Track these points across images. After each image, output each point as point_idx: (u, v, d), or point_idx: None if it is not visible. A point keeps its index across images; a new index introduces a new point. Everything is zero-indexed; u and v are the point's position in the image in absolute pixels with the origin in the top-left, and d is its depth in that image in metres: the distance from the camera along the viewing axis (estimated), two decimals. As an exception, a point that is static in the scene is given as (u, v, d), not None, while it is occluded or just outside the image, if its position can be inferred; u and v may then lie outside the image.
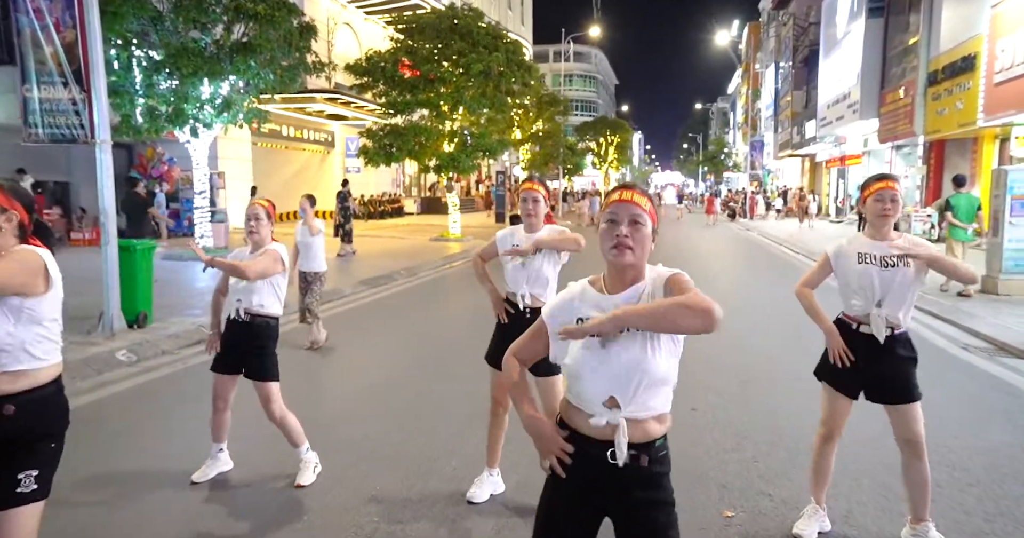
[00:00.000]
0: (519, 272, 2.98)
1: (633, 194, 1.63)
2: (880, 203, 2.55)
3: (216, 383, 3.32)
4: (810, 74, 29.59)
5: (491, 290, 3.13)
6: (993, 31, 13.60)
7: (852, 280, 2.62)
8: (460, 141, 16.93)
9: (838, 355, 2.62)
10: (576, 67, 74.46)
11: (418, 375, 5.27)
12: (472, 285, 10.65)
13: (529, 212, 3.00)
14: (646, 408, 1.56)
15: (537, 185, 3.03)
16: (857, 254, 2.62)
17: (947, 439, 3.80)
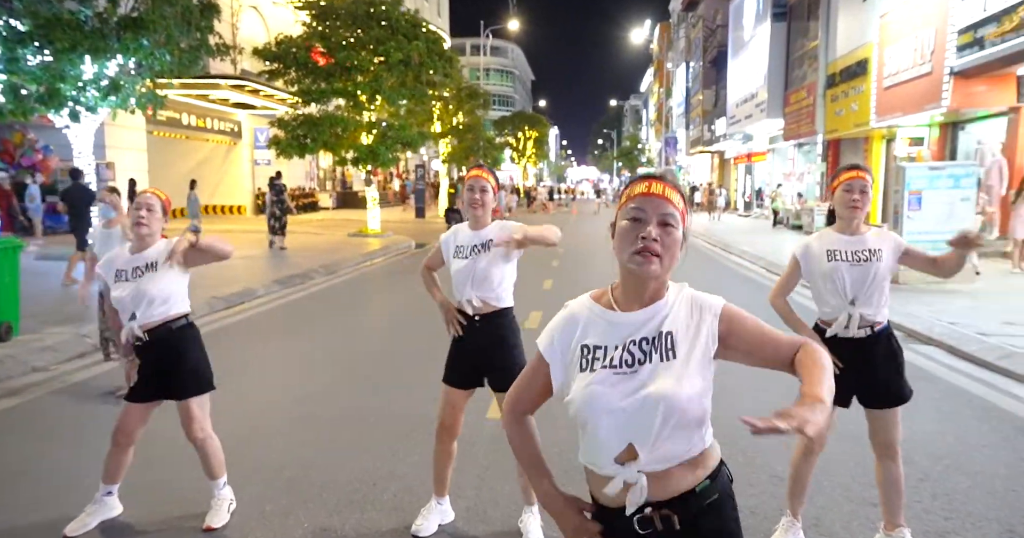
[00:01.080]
0: (463, 273, 2.66)
1: (665, 187, 1.27)
2: (849, 194, 2.41)
3: (127, 415, 2.74)
4: (719, 74, 30.88)
5: (442, 301, 2.79)
6: (882, 39, 14.58)
7: (822, 280, 2.47)
8: (379, 133, 16.24)
9: None
10: (493, 62, 74.32)
11: (342, 389, 4.74)
12: (398, 284, 10.18)
13: (475, 203, 2.65)
14: (671, 457, 1.21)
15: (485, 173, 2.68)
16: (826, 252, 2.47)
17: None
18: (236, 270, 10.67)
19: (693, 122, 37.73)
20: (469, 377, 2.71)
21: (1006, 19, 10.74)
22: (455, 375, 2.73)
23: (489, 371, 2.69)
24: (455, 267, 2.70)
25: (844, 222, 2.49)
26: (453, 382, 2.74)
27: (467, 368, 2.71)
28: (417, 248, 15.72)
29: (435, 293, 2.85)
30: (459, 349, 2.75)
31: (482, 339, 2.67)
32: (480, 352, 2.67)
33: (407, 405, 4.30)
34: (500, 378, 2.65)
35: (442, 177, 29.23)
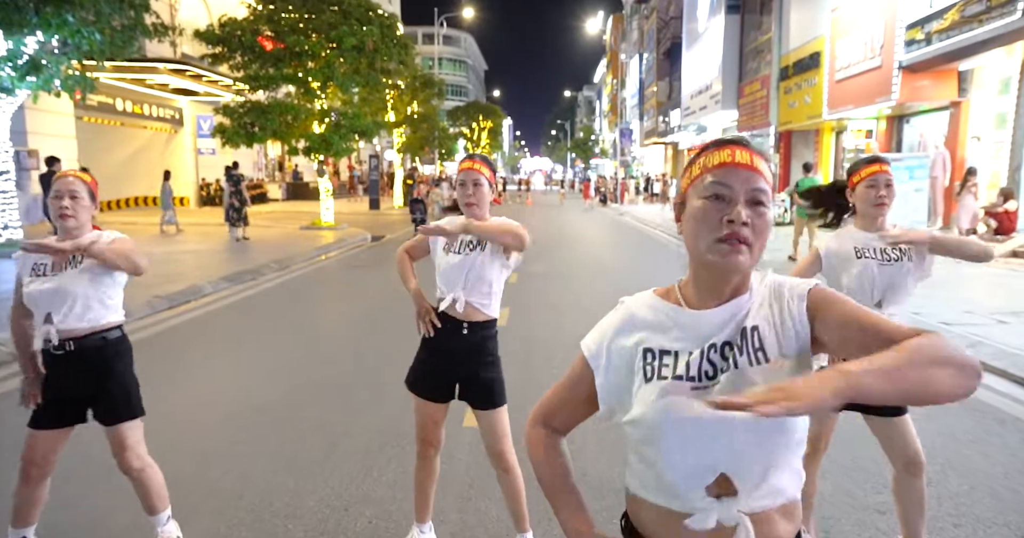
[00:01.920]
0: (455, 271, 2.36)
1: (752, 156, 1.01)
2: (874, 190, 2.25)
3: (35, 444, 2.31)
4: (673, 66, 31.15)
5: (416, 293, 2.45)
6: (833, 33, 14.86)
7: (848, 279, 2.30)
8: (332, 122, 15.60)
9: None
10: (446, 51, 73.31)
11: (304, 399, 4.32)
12: (357, 279, 9.74)
13: (469, 199, 2.36)
14: (774, 492, 0.97)
15: (478, 164, 2.37)
16: (854, 249, 2.31)
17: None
18: (181, 266, 10.02)
19: (647, 113, 38.05)
20: (444, 390, 2.44)
21: (950, 15, 11.04)
22: (428, 386, 2.43)
23: (471, 386, 2.41)
24: (445, 262, 2.40)
25: (868, 220, 2.32)
26: (426, 394, 2.44)
27: (443, 379, 2.42)
28: (373, 241, 15.23)
29: (410, 281, 2.52)
30: (434, 356, 2.43)
31: (466, 350, 2.38)
32: (461, 364, 2.39)
33: (378, 415, 3.98)
34: (483, 395, 2.40)
35: (397, 168, 28.56)
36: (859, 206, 2.31)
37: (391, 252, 13.63)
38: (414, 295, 2.46)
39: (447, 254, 2.41)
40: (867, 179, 2.26)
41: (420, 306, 2.42)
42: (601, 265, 11.56)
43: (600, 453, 3.42)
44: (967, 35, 10.67)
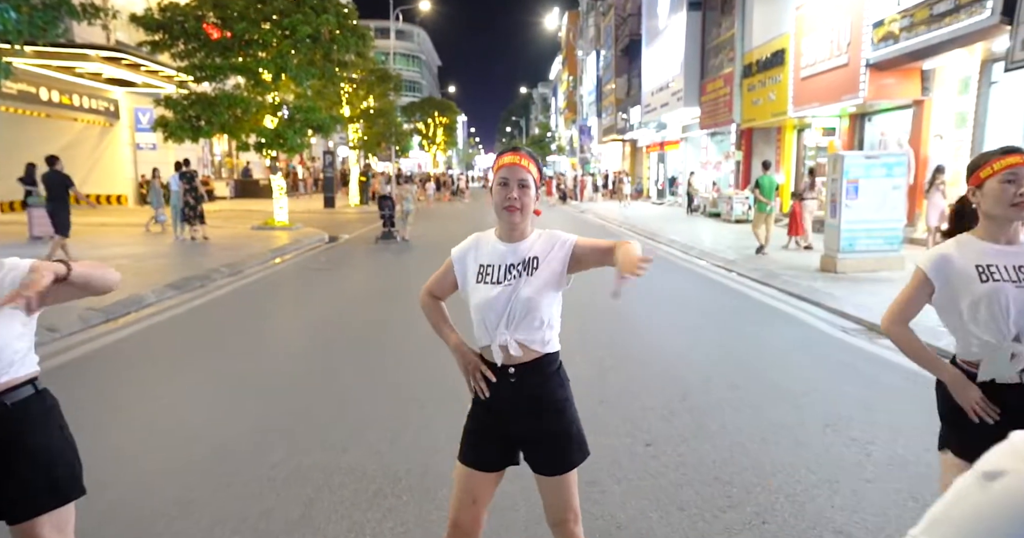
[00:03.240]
0: (494, 306, 1.81)
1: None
2: (1012, 186, 1.78)
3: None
4: (631, 63, 31.12)
5: (458, 345, 1.95)
6: (798, 30, 14.88)
7: (971, 307, 1.84)
8: (286, 115, 14.69)
9: (977, 410, 1.84)
10: (399, 46, 71.85)
11: (271, 436, 3.59)
12: (318, 284, 9.02)
13: (511, 203, 1.81)
14: None
15: (525, 159, 1.84)
16: (977, 268, 1.83)
17: (916, 450, 3.44)
18: (119, 272, 9.10)
19: (606, 110, 38.01)
20: (500, 454, 1.90)
21: (917, 13, 11.09)
22: (479, 452, 1.90)
23: (529, 443, 1.88)
24: (479, 296, 1.85)
25: (997, 225, 1.86)
26: (475, 463, 1.89)
27: (497, 441, 1.89)
28: (330, 242, 14.43)
29: (447, 334, 2.00)
30: (484, 415, 1.91)
31: (520, 399, 1.86)
32: (516, 418, 1.87)
33: (364, 455, 3.39)
34: (546, 453, 1.86)
35: (352, 164, 27.54)
36: (988, 207, 1.85)
37: (351, 253, 12.91)
38: (455, 350, 1.95)
39: (482, 285, 1.87)
40: (1002, 173, 1.81)
41: (467, 363, 1.92)
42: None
43: (629, 498, 2.95)
44: (933, 34, 10.71)
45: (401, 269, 10.77)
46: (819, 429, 3.74)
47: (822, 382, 4.60)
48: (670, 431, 3.70)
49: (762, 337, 5.97)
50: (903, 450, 3.48)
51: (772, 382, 4.58)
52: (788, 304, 7.46)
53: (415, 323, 6.48)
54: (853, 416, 3.94)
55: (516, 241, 1.89)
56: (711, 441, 3.57)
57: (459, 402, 4.07)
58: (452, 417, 3.80)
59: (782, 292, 8.12)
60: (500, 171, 1.85)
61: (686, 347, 5.62)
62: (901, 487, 3.06)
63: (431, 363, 4.97)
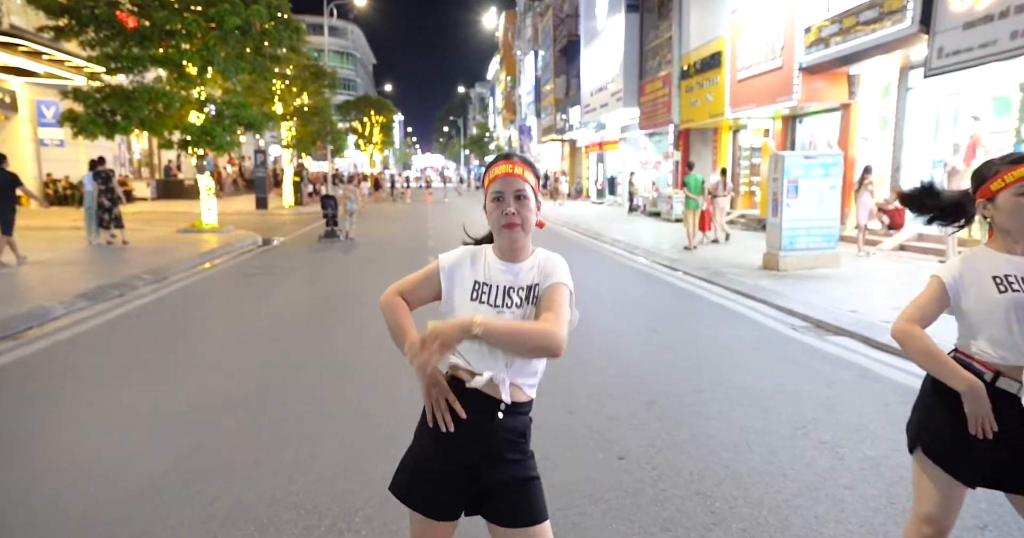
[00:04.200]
0: None
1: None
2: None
3: None
4: (570, 63, 31.34)
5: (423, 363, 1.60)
6: (734, 33, 15.28)
7: (989, 318, 1.75)
8: (214, 111, 13.81)
9: (981, 425, 1.74)
10: (333, 43, 69.95)
11: (200, 470, 3.18)
12: (253, 291, 8.43)
13: (511, 220, 1.56)
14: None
15: (521, 167, 1.59)
16: (993, 279, 1.75)
17: (884, 451, 3.42)
18: (22, 280, 8.24)
19: (545, 110, 38.17)
20: (459, 503, 1.61)
21: (845, 20, 11.54)
22: (433, 498, 1.59)
23: (502, 496, 1.58)
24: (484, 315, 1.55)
25: (1013, 238, 1.77)
26: (430, 510, 1.59)
27: (459, 487, 1.59)
28: (264, 245, 13.69)
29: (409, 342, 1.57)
30: (447, 453, 1.59)
31: (497, 443, 1.58)
32: (490, 466, 1.58)
33: (315, 486, 3.04)
34: (521, 506, 1.57)
35: (286, 164, 26.42)
36: (1002, 221, 1.76)
37: (289, 256, 12.27)
38: (418, 368, 1.56)
39: (479, 304, 1.59)
40: (1015, 186, 1.71)
41: (431, 383, 1.57)
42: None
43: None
44: (859, 40, 11.18)
45: (345, 272, 10.28)
46: (789, 433, 3.67)
47: (784, 383, 4.57)
48: (641, 442, 3.54)
49: (718, 338, 5.95)
50: (872, 451, 3.45)
51: (736, 385, 4.51)
52: (737, 303, 7.52)
53: (366, 332, 6.11)
54: (819, 418, 3.91)
55: (517, 261, 1.63)
56: (685, 451, 3.43)
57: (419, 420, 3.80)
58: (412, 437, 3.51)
59: (729, 291, 8.20)
60: (492, 184, 1.59)
61: (644, 351, 5.51)
62: (878, 493, 3.00)
63: (385, 376, 4.63)
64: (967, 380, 1.74)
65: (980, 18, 8.95)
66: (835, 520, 2.75)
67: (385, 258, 12.05)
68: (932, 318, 1.82)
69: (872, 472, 3.21)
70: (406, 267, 9.80)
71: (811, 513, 2.81)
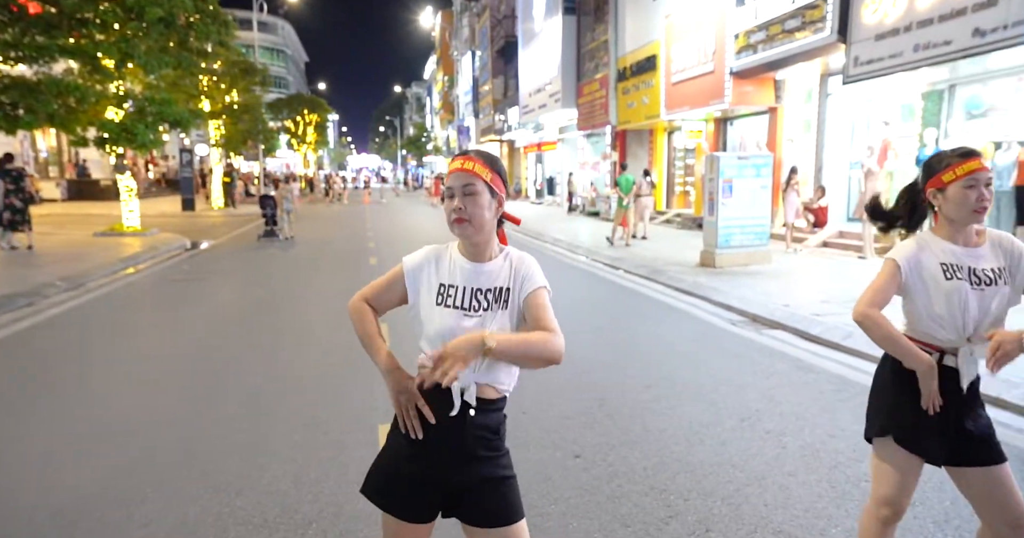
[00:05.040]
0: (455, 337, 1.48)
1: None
2: (973, 191, 1.79)
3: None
4: (508, 64, 31.45)
5: (392, 369, 1.59)
6: (668, 38, 15.73)
7: (936, 304, 1.84)
8: (136, 107, 12.99)
9: (932, 400, 1.84)
10: (263, 38, 67.39)
11: (142, 491, 2.96)
12: (182, 297, 7.98)
13: (458, 214, 1.53)
14: None
15: (473, 162, 1.55)
16: (941, 265, 1.84)
17: (822, 437, 3.58)
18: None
19: (483, 111, 38.15)
20: (436, 503, 1.59)
21: (771, 28, 12.10)
22: (407, 501, 1.57)
23: (477, 496, 1.57)
24: (442, 323, 1.54)
25: (956, 228, 1.87)
26: (405, 513, 1.57)
27: (432, 488, 1.57)
28: (193, 248, 13.04)
29: (379, 353, 1.61)
30: (420, 455, 1.57)
31: (470, 443, 1.56)
32: (463, 465, 1.56)
33: (263, 499, 2.88)
34: (496, 506, 1.56)
35: (214, 164, 25.24)
36: (950, 211, 1.85)
37: (222, 259, 11.72)
38: (387, 372, 1.58)
39: (444, 308, 1.55)
40: (965, 178, 1.81)
41: (400, 389, 1.55)
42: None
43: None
44: (784, 47, 11.74)
45: (285, 274, 9.90)
46: (736, 425, 3.79)
47: (727, 376, 4.72)
48: (595, 440, 3.57)
49: (662, 334, 6.09)
50: (811, 438, 3.61)
51: (682, 380, 4.63)
52: (678, 299, 7.73)
53: (311, 336, 5.89)
54: (761, 409, 4.05)
55: (482, 260, 1.60)
56: (638, 447, 3.48)
57: (371, 428, 3.69)
58: (365, 446, 3.40)
59: (670, 288, 8.42)
60: (448, 179, 1.57)
61: (591, 349, 5.57)
62: (819, 478, 3.14)
63: (333, 382, 4.48)
64: (926, 361, 1.84)
65: (889, 31, 9.58)
66: (782, 507, 2.85)
67: (326, 259, 11.72)
68: (888, 299, 1.91)
69: (813, 458, 3.35)
70: (348, 268, 9.57)
71: (760, 501, 2.90)
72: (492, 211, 1.57)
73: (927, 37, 8.97)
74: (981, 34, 8.25)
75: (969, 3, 8.36)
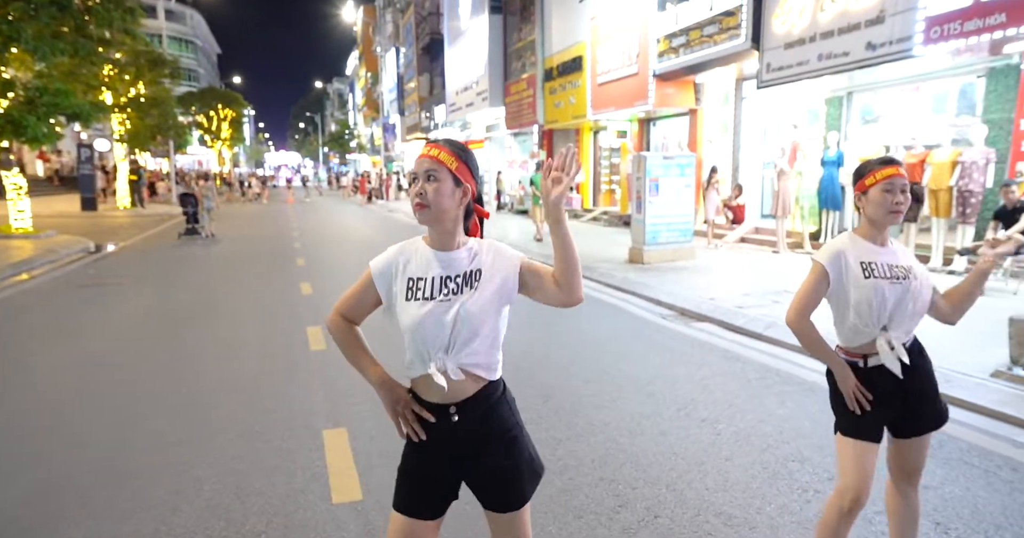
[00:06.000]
0: (432, 327, 1.53)
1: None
2: (890, 195, 1.99)
3: None
4: (434, 61, 31.15)
5: (382, 380, 1.65)
6: (593, 39, 16.10)
7: (856, 299, 2.02)
8: (24, 96, 11.90)
9: (855, 397, 2.03)
10: (170, 28, 63.52)
11: (66, 510, 2.76)
12: (89, 305, 7.41)
13: (419, 200, 1.55)
14: None
15: (435, 148, 1.58)
16: (861, 264, 2.02)
17: (752, 422, 3.80)
18: None
19: (408, 108, 37.63)
20: (442, 497, 1.66)
21: (691, 33, 12.64)
22: (418, 498, 1.63)
23: (478, 482, 1.64)
24: (410, 316, 1.55)
25: (877, 229, 2.06)
26: (415, 510, 1.62)
27: (438, 484, 1.64)
28: (95, 251, 12.14)
29: (368, 367, 1.68)
30: (420, 458, 1.65)
31: (464, 440, 1.62)
32: (461, 459, 1.63)
33: (205, 514, 2.71)
34: (498, 490, 1.63)
35: (118, 161, 23.52)
36: (870, 212, 2.05)
37: (133, 262, 10.98)
38: (378, 385, 1.65)
39: (413, 302, 1.57)
40: (883, 182, 2.01)
41: (393, 397, 1.64)
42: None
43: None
44: (703, 52, 12.29)
45: (206, 277, 9.39)
46: (674, 414, 3.95)
47: (661, 368, 4.91)
48: (543, 435, 3.62)
49: (597, 330, 6.24)
50: (742, 424, 3.81)
51: (621, 373, 4.77)
52: (610, 295, 7.94)
53: (240, 341, 5.62)
54: (696, 398, 4.25)
55: (449, 249, 1.61)
56: (584, 440, 3.56)
57: (315, 433, 3.57)
58: (311, 451, 3.30)
59: (601, 284, 8.64)
60: (413, 167, 1.58)
61: (530, 346, 5.63)
62: (752, 460, 3.32)
63: (270, 387, 4.30)
64: (839, 365, 2.06)
65: (796, 40, 10.24)
66: (722, 489, 3.01)
67: (252, 259, 11.21)
68: (817, 302, 2.08)
69: (745, 443, 3.54)
70: (275, 270, 9.17)
71: (702, 485, 3.04)
72: (455, 200, 1.58)
73: (829, 48, 9.65)
74: (873, 48, 8.97)
75: (862, 19, 9.08)
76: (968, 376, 4.37)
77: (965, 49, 8.00)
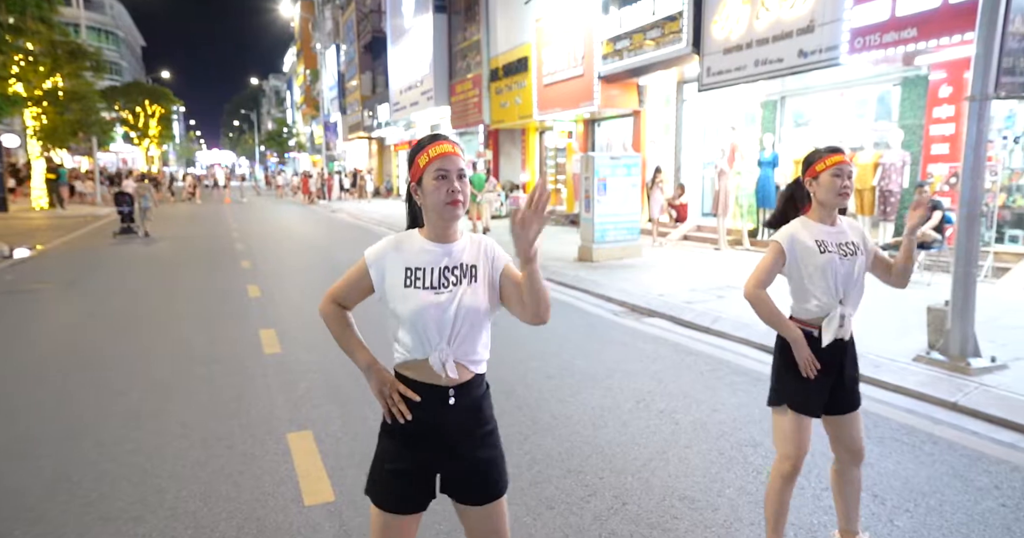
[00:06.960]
0: (434, 317, 1.57)
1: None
2: (839, 179, 2.19)
3: None
4: (376, 59, 30.67)
5: (371, 365, 1.68)
6: (539, 41, 16.26)
7: (814, 274, 2.21)
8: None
9: (809, 366, 2.20)
10: (89, 18, 59.87)
11: (11, 532, 2.73)
12: (10, 314, 6.93)
13: (454, 197, 1.57)
14: None
15: (458, 147, 1.63)
16: (816, 242, 2.22)
17: (707, 412, 3.97)
18: None
19: (350, 107, 36.90)
20: (424, 490, 1.66)
21: (635, 36, 12.98)
22: (403, 494, 1.63)
23: (464, 476, 1.66)
24: (414, 303, 1.58)
25: (826, 211, 2.26)
26: (400, 506, 1.63)
27: (420, 476, 1.65)
28: (9, 256, 11.37)
29: (357, 351, 1.71)
30: (404, 447, 1.64)
31: (456, 427, 1.65)
32: (451, 448, 1.65)
33: (170, 521, 2.62)
34: (479, 480, 1.66)
35: (33, 159, 22.03)
36: (821, 196, 2.24)
37: (57, 267, 10.34)
38: (366, 369, 1.67)
39: (415, 290, 1.59)
40: (833, 168, 2.20)
41: (381, 381, 1.65)
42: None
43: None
44: (646, 55, 12.64)
45: (143, 280, 8.94)
46: (633, 407, 4.09)
47: (618, 363, 5.06)
48: (510, 430, 3.67)
49: (553, 327, 6.35)
50: (698, 414, 3.99)
51: (579, 369, 4.88)
52: (562, 293, 8.08)
53: (186, 345, 5.39)
54: (653, 391, 4.40)
55: (449, 242, 1.65)
56: (550, 434, 3.64)
57: (279, 437, 3.50)
58: (276, 455, 3.24)
59: (553, 282, 8.76)
60: (435, 162, 1.59)
61: (492, 343, 5.69)
62: (709, 447, 3.49)
63: (224, 391, 4.17)
64: (796, 333, 2.23)
65: (734, 46, 10.69)
66: (684, 475, 3.15)
67: (192, 263, 10.75)
68: (773, 277, 2.28)
69: (702, 431, 3.71)
70: (219, 273, 8.90)
71: (665, 473, 3.17)
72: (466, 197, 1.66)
73: (764, 54, 10.13)
74: (804, 55, 9.49)
75: (794, 28, 9.58)
76: (893, 361, 4.72)
77: (883, 59, 8.58)
